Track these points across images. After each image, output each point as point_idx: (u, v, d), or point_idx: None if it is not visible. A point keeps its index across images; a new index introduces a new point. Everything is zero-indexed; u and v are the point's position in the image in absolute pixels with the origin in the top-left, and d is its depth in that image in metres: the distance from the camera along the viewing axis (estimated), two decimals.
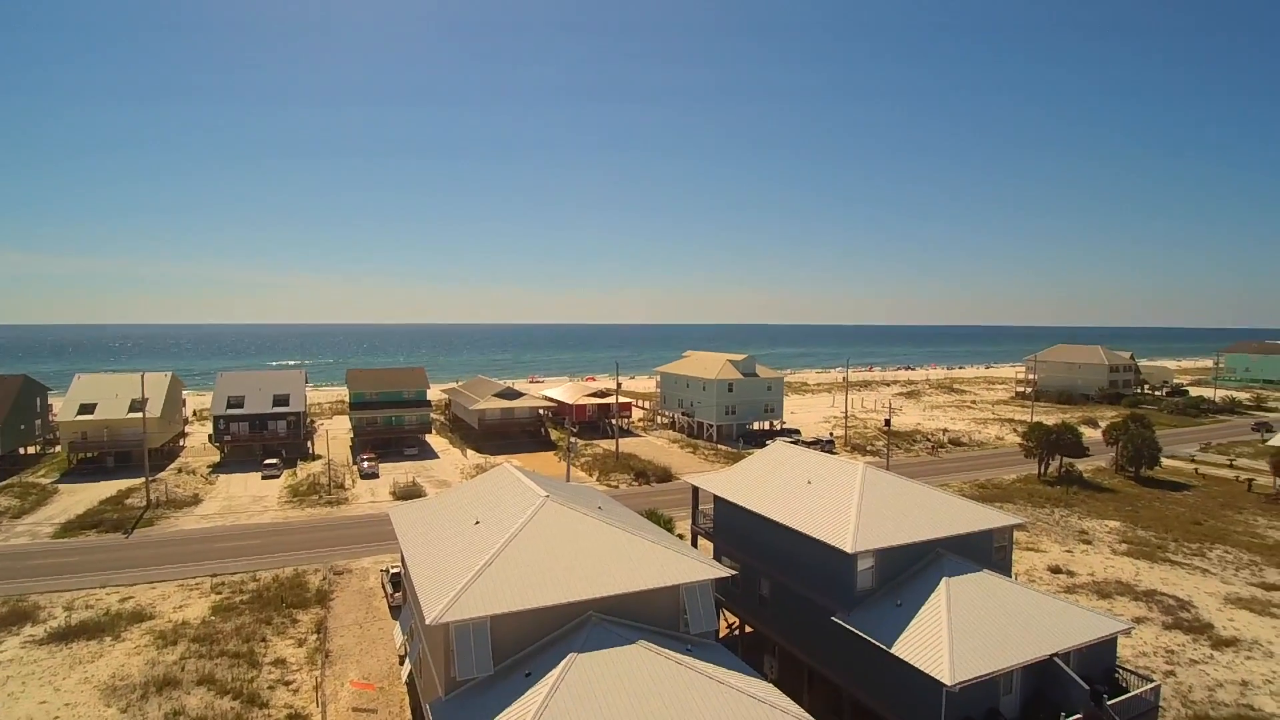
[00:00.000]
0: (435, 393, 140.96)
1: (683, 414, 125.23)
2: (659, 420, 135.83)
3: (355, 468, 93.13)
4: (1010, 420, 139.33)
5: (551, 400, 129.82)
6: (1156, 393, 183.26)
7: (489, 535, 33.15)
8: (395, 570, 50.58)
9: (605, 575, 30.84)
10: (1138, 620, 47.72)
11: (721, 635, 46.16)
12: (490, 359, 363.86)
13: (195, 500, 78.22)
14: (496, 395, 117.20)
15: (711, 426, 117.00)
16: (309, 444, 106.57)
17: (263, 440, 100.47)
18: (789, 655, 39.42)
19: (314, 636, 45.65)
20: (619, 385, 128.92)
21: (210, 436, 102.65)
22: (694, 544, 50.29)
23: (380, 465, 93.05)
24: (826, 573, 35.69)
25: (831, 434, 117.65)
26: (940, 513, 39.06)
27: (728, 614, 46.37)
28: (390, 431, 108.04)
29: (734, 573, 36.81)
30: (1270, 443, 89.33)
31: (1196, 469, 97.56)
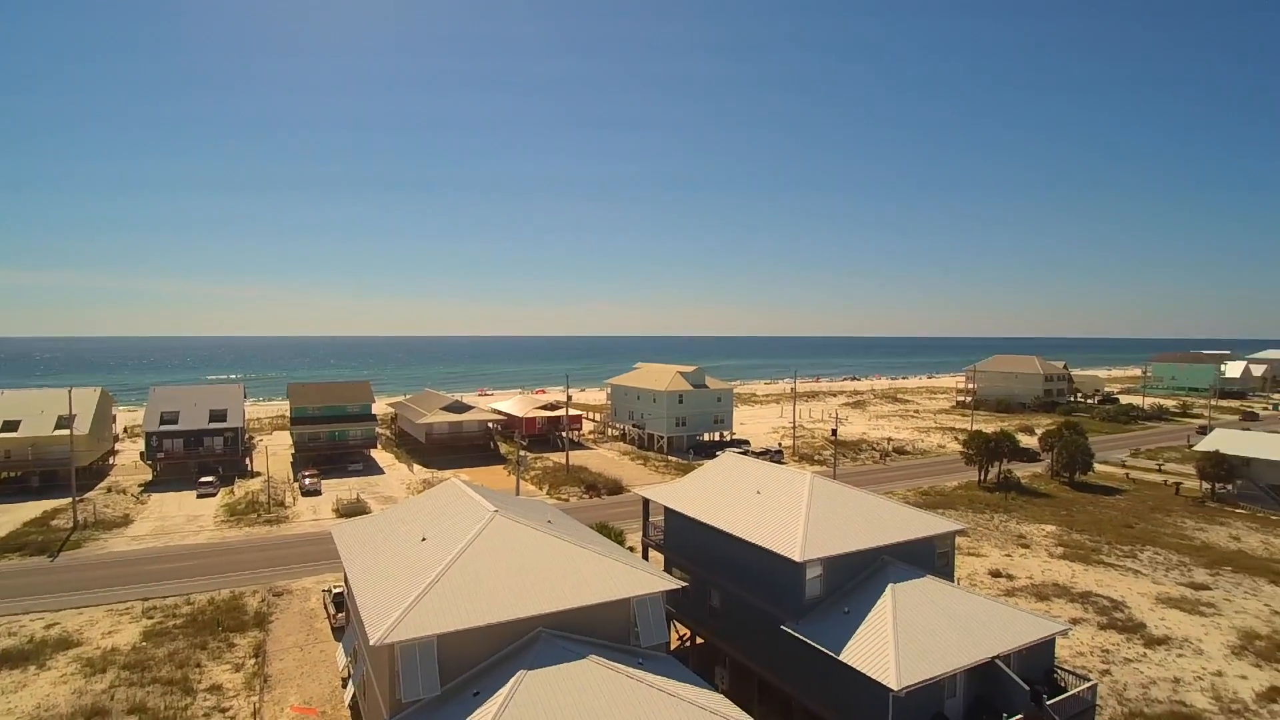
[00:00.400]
0: (381, 406, 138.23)
1: (633, 426, 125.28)
2: (610, 432, 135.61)
3: (296, 485, 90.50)
4: (951, 429, 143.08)
5: (501, 413, 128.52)
6: (1089, 401, 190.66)
7: (436, 551, 32.54)
8: (338, 590, 49.19)
9: (556, 590, 30.55)
10: (1074, 621, 49.23)
11: (673, 647, 46.07)
12: (439, 372, 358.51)
13: (126, 521, 74.94)
14: (444, 409, 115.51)
15: (662, 438, 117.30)
16: (248, 461, 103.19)
17: (198, 457, 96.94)
18: (740, 665, 39.55)
19: (252, 661, 44.02)
20: (569, 398, 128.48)
21: (142, 454, 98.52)
22: (645, 556, 50.22)
23: (323, 482, 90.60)
24: (776, 582, 35.98)
25: (780, 444, 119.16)
26: (885, 520, 39.82)
27: (679, 626, 46.32)
28: (334, 447, 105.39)
29: (685, 584, 36.76)
30: (1196, 448, 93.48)
31: (1127, 474, 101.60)
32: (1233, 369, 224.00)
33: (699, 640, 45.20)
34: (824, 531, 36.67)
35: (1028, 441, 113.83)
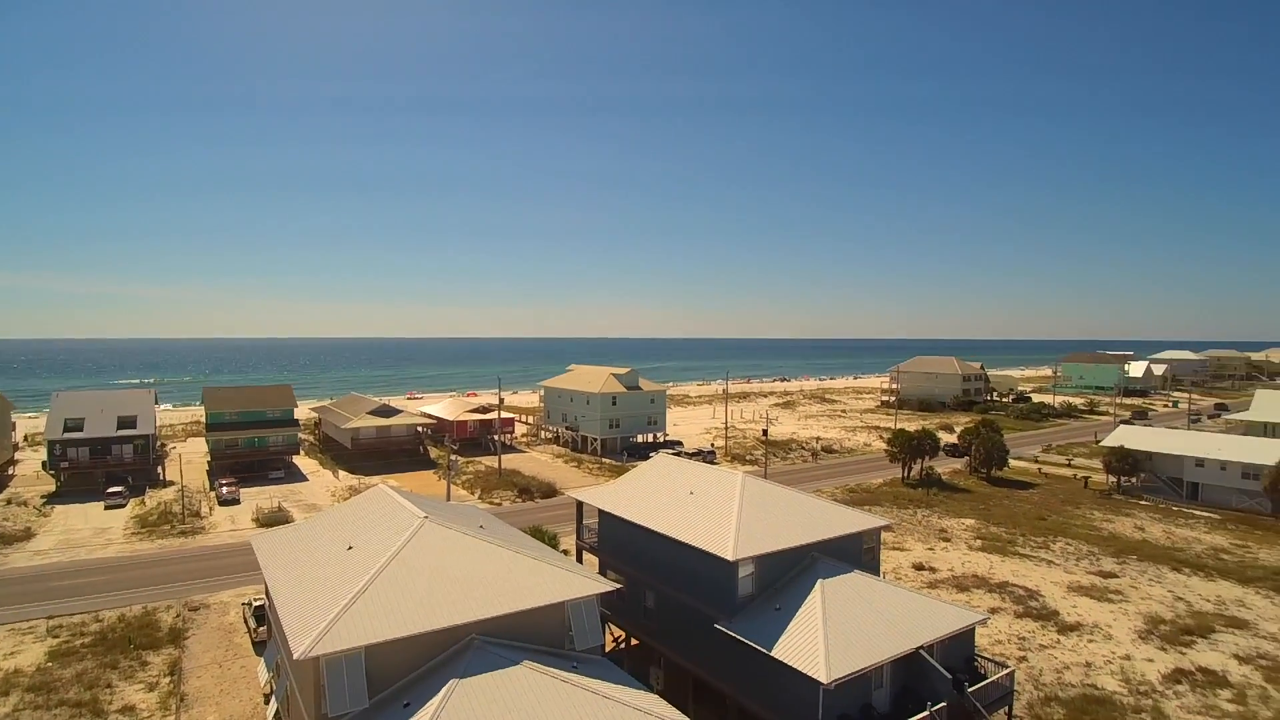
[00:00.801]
0: (304, 411, 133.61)
1: (567, 428, 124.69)
2: (543, 435, 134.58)
3: (213, 494, 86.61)
4: (877, 428, 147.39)
5: (431, 417, 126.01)
6: (1004, 399, 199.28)
7: (363, 560, 31.65)
8: (259, 603, 47.26)
9: (488, 596, 30.11)
10: (993, 611, 51.34)
11: (608, 650, 46.04)
12: (366, 376, 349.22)
13: (27, 534, 70.29)
14: (371, 413, 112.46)
15: (596, 440, 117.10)
16: (160, 470, 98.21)
17: (106, 466, 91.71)
18: (675, 665, 39.78)
19: (167, 679, 41.89)
20: (501, 400, 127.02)
21: (44, 463, 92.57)
22: (579, 559, 50.03)
23: (242, 490, 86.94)
24: (709, 581, 36.34)
25: (713, 445, 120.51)
26: (815, 518, 40.71)
27: (614, 628, 46.28)
28: (253, 454, 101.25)
29: (619, 586, 36.87)
30: (1103, 443, 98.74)
31: (1040, 469, 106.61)
32: (1136, 369, 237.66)
33: (634, 642, 45.26)
34: (756, 530, 37.24)
35: (947, 439, 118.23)
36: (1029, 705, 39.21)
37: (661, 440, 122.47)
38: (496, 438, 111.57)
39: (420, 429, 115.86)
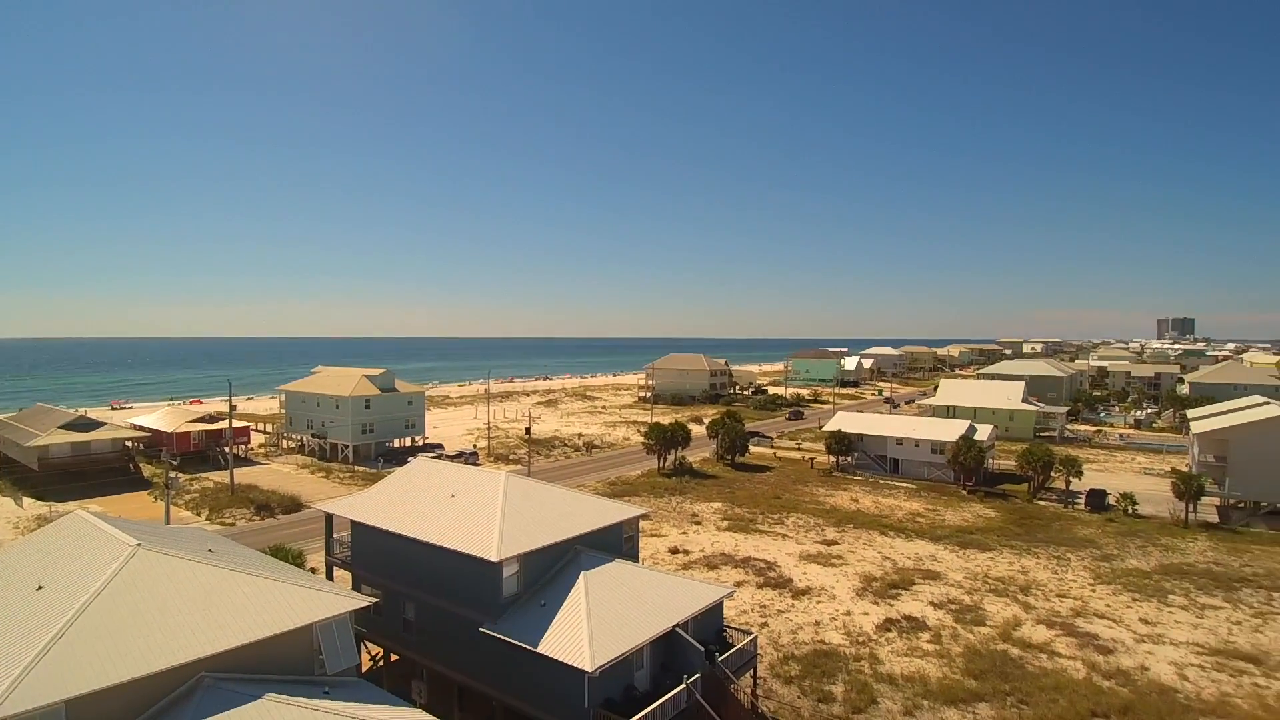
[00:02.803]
0: None
1: (313, 436, 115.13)
2: (285, 445, 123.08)
3: None
4: (635, 422, 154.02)
5: (144, 429, 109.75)
6: (745, 392, 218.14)
7: (59, 601, 26.63)
8: None
9: (220, 627, 26.79)
10: (738, 584, 55.90)
11: (365, 669, 43.27)
12: (65, 383, 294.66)
13: None
14: (64, 427, 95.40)
15: (347, 447, 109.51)
16: None
17: None
18: (439, 676, 38.35)
19: None
20: (233, 407, 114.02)
21: None
22: (329, 576, 46.41)
23: None
24: (473, 585, 35.51)
25: (475, 446, 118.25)
26: (578, 512, 41.46)
27: (371, 645, 43.55)
28: None
29: (375, 600, 34.70)
30: (824, 428, 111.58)
31: (775, 454, 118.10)
32: (849, 363, 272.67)
33: (394, 657, 42.95)
34: (519, 529, 37.07)
35: (698, 430, 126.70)
36: (771, 665, 43.23)
37: (421, 444, 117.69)
38: (228, 449, 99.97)
39: (130, 443, 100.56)
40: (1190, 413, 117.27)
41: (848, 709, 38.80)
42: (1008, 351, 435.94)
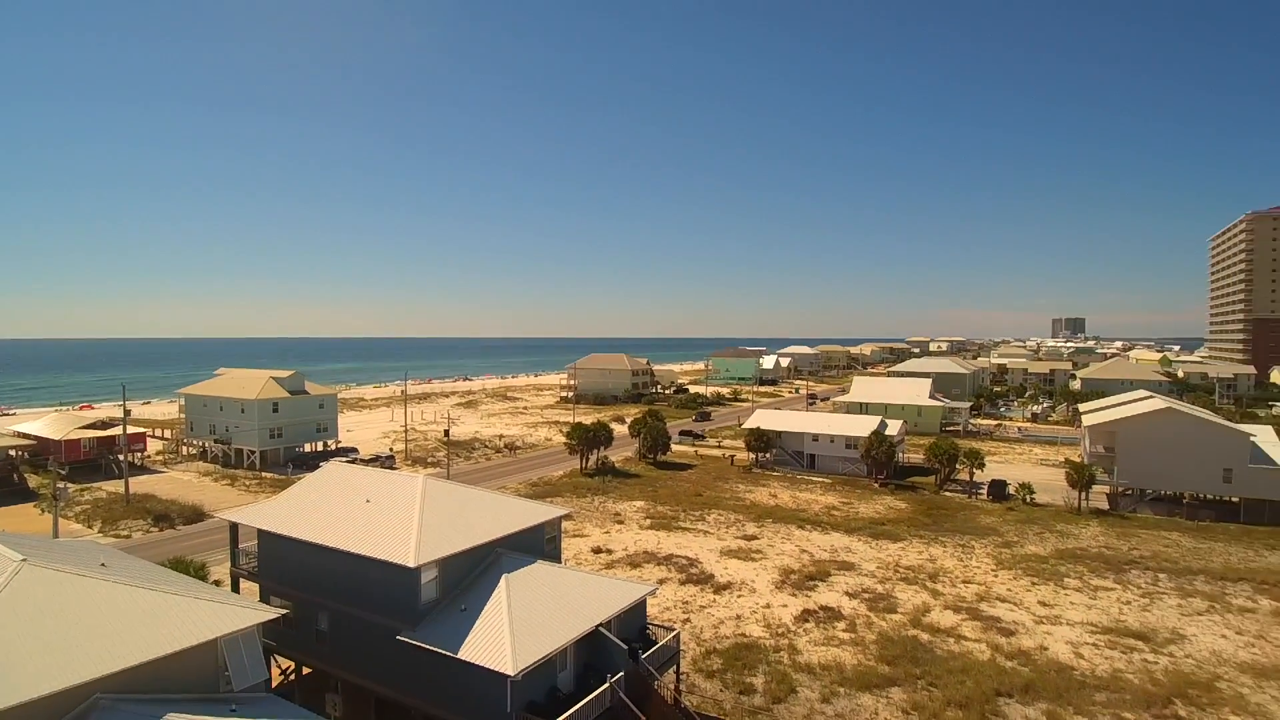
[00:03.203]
0: None
1: (217, 441, 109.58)
2: (186, 451, 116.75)
3: None
4: (557, 422, 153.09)
5: (28, 436, 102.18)
6: (667, 391, 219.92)
7: None
8: None
9: (116, 646, 25.15)
10: (661, 581, 56.25)
11: (276, 684, 41.46)
12: None
13: None
14: None
15: (254, 453, 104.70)
16: None
17: None
18: (355, 687, 37.08)
19: None
20: (128, 412, 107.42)
21: None
22: (235, 589, 44.28)
23: None
24: (390, 592, 34.49)
25: (391, 449, 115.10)
26: (499, 514, 40.86)
27: (281, 659, 41.75)
28: None
29: (285, 612, 33.27)
30: (744, 425, 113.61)
31: (696, 451, 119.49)
32: (767, 362, 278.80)
33: (306, 670, 41.30)
34: (438, 533, 36.24)
35: (620, 430, 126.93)
36: (694, 660, 43.68)
37: (334, 448, 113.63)
38: (123, 457, 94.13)
39: (14, 452, 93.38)
40: (1082, 406, 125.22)
41: (768, 699, 39.59)
42: (916, 350, 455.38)
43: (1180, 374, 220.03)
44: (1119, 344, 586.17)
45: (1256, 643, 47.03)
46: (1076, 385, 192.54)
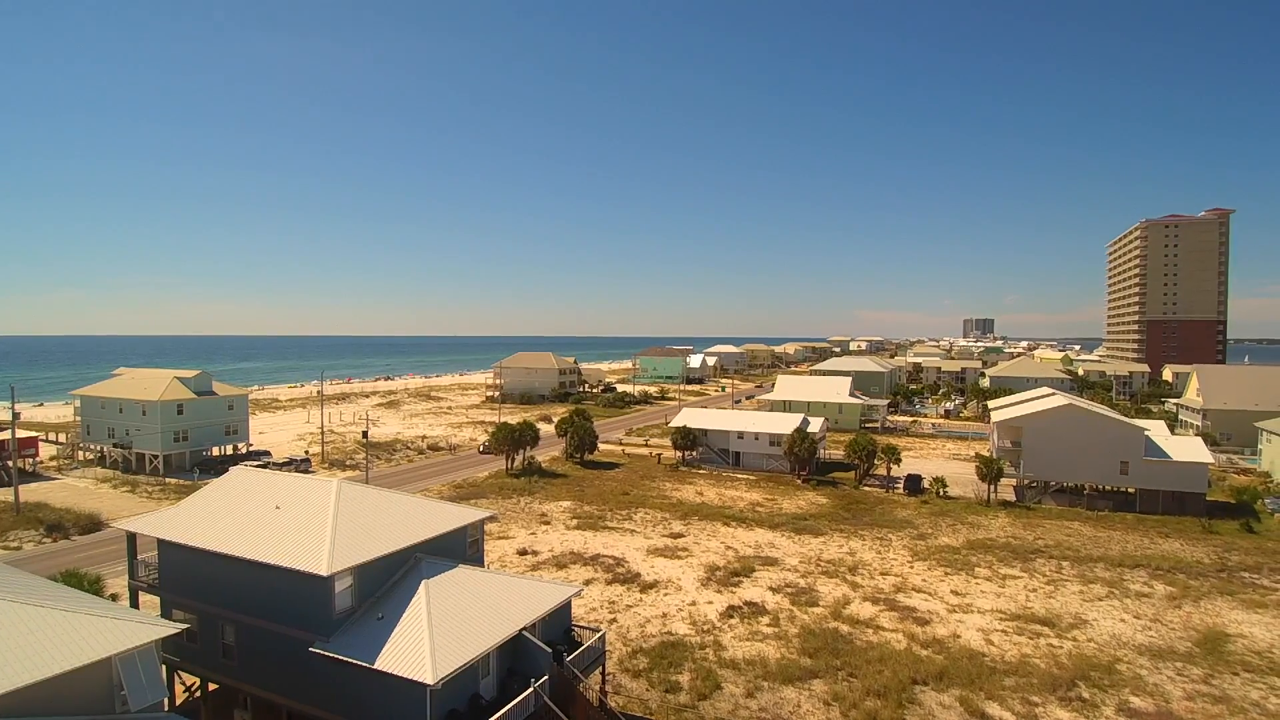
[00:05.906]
0: None
1: (116, 446, 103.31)
2: (81, 456, 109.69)
3: None
4: (482, 422, 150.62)
5: None
6: (595, 390, 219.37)
7: None
8: None
9: (0, 666, 23.23)
10: (587, 582, 55.93)
11: (180, 702, 39.33)
12: None
13: None
14: None
15: (157, 458, 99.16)
16: None
17: None
18: (264, 703, 35.42)
19: None
20: (16, 415, 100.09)
21: None
22: (134, 603, 41.75)
23: None
24: (302, 602, 33.05)
25: (307, 452, 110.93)
26: (418, 518, 39.73)
27: (185, 676, 39.59)
28: None
29: (187, 626, 31.50)
30: (670, 424, 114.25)
31: (624, 450, 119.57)
32: (694, 361, 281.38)
33: (212, 687, 39.22)
34: (353, 539, 34.96)
35: (546, 429, 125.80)
36: (620, 660, 43.55)
37: (245, 451, 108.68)
38: (12, 463, 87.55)
39: None
40: (991, 403, 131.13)
41: (694, 696, 39.81)
42: (837, 349, 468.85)
43: (1081, 372, 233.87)
44: (1025, 343, 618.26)
45: (1153, 625, 50.11)
46: (986, 383, 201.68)
